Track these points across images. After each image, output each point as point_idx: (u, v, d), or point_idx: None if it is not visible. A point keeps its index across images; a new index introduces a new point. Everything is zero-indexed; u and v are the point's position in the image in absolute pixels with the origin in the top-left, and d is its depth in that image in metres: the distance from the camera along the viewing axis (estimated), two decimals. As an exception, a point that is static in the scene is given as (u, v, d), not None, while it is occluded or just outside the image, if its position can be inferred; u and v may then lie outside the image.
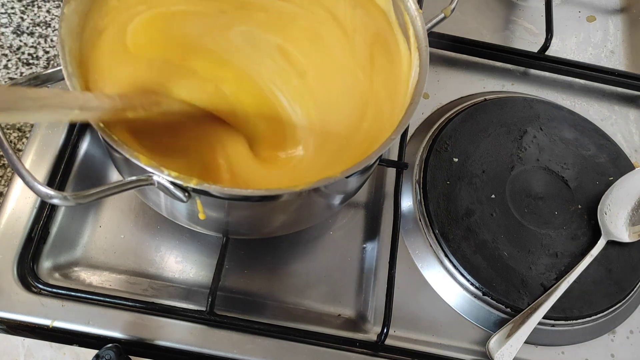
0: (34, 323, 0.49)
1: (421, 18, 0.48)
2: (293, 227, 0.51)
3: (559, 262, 0.56)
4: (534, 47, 0.71)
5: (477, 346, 0.54)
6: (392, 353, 0.52)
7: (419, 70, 0.46)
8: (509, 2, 0.77)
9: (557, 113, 0.66)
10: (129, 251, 0.54)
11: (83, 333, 0.49)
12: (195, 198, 0.40)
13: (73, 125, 0.57)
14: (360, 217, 0.58)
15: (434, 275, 0.56)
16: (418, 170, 0.60)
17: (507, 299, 0.54)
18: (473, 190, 0.59)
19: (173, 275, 0.53)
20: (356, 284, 0.55)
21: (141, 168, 0.37)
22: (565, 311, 0.54)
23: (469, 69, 0.70)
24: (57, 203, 0.36)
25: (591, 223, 0.59)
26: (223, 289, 0.52)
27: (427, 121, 0.65)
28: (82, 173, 0.56)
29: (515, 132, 0.63)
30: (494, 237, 0.56)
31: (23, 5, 0.65)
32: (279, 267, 0.55)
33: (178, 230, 0.54)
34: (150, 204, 0.48)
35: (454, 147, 0.61)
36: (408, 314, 0.54)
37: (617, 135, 0.69)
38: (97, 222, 0.54)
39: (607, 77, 0.70)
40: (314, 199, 0.46)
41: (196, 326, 0.50)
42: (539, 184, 0.60)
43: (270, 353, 0.50)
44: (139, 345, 0.49)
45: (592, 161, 0.63)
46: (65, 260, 0.53)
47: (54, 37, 0.64)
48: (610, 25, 0.78)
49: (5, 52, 0.62)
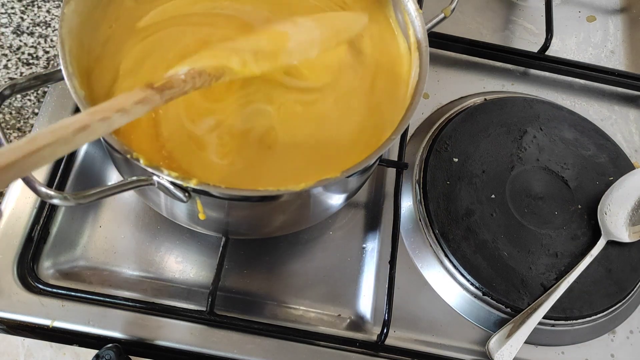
0: (34, 323, 0.49)
1: (421, 18, 0.48)
2: (293, 227, 0.51)
3: (559, 262, 0.56)
4: (534, 47, 0.71)
5: (477, 346, 0.54)
6: (392, 353, 0.52)
7: (419, 70, 0.46)
8: (509, 2, 0.77)
9: (557, 113, 0.66)
10: (129, 251, 0.54)
11: (83, 333, 0.49)
12: (195, 198, 0.40)
13: (73, 125, 0.57)
14: (360, 217, 0.58)
15: (434, 275, 0.56)
16: (418, 170, 0.60)
17: (507, 299, 0.54)
18: (473, 190, 0.59)
19: (173, 275, 0.53)
20: (356, 284, 0.55)
21: (141, 168, 0.37)
22: (565, 311, 0.54)
23: (469, 69, 0.70)
24: (57, 203, 0.36)
25: (591, 223, 0.59)
26: (223, 289, 0.52)
27: (427, 121, 0.65)
28: (82, 173, 0.56)
29: (515, 132, 0.63)
30: (494, 237, 0.56)
31: (23, 5, 0.65)
32: (278, 267, 0.55)
33: (178, 230, 0.54)
34: (150, 204, 0.48)
35: (454, 147, 0.61)
36: (408, 314, 0.54)
37: (617, 135, 0.69)
38: (97, 222, 0.54)
39: (607, 77, 0.70)
40: (314, 199, 0.46)
41: (196, 326, 0.50)
42: (539, 184, 0.60)
43: (270, 353, 0.50)
44: (139, 345, 0.49)
45: (592, 161, 0.63)
46: (65, 260, 0.53)
47: (54, 37, 0.64)
48: (610, 25, 0.78)
49: (5, 52, 0.62)
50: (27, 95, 0.60)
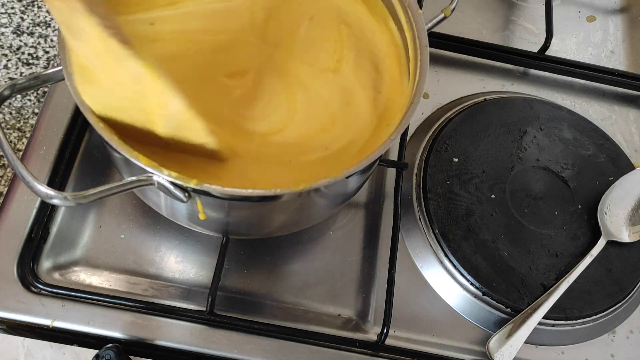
0: (34, 323, 0.49)
1: (421, 18, 0.48)
2: (293, 227, 0.51)
3: (559, 262, 0.56)
4: (534, 47, 0.71)
5: (477, 346, 0.54)
6: (392, 353, 0.52)
7: (419, 70, 0.46)
8: (509, 2, 0.77)
9: (557, 113, 0.66)
10: (129, 251, 0.54)
11: (83, 333, 0.49)
12: (196, 198, 0.40)
13: (73, 124, 0.57)
14: (360, 217, 0.58)
15: (434, 275, 0.56)
16: (418, 170, 0.60)
17: (507, 299, 0.54)
18: (473, 190, 0.59)
19: (173, 275, 0.53)
20: (356, 284, 0.55)
21: (141, 168, 0.37)
22: (565, 311, 0.54)
23: (469, 69, 0.70)
24: (57, 203, 0.36)
25: (591, 223, 0.59)
26: (223, 289, 0.52)
27: (427, 121, 0.65)
28: (82, 173, 0.56)
29: (515, 132, 0.63)
30: (494, 237, 0.56)
31: (23, 5, 0.65)
32: (278, 267, 0.55)
33: (178, 230, 0.54)
34: (150, 204, 0.48)
35: (454, 147, 0.61)
36: (408, 314, 0.54)
37: (617, 135, 0.69)
38: (97, 222, 0.54)
39: (607, 77, 0.70)
40: (314, 199, 0.46)
41: (196, 326, 0.50)
42: (539, 184, 0.60)
43: (270, 353, 0.50)
44: (139, 345, 0.49)
45: (592, 161, 0.63)
46: (65, 260, 0.53)
47: (54, 37, 0.64)
48: (610, 25, 0.78)
49: (5, 52, 0.62)
50: (27, 95, 0.60)
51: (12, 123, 0.58)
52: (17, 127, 0.58)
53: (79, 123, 0.57)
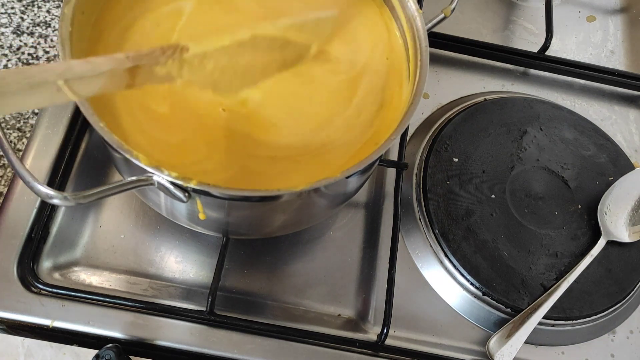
0: (34, 323, 0.49)
1: (421, 18, 0.48)
2: (293, 227, 0.51)
3: (559, 262, 0.56)
4: (534, 47, 0.71)
5: (477, 346, 0.54)
6: (392, 353, 0.52)
7: (419, 70, 0.46)
8: (509, 2, 0.77)
9: (557, 113, 0.66)
10: (129, 251, 0.54)
11: (83, 333, 0.49)
12: (195, 198, 0.40)
13: (73, 124, 0.57)
14: (360, 217, 0.58)
15: (434, 275, 0.56)
16: (418, 170, 0.60)
17: (507, 299, 0.54)
18: (473, 190, 0.59)
19: (173, 275, 0.53)
20: (356, 284, 0.55)
21: (141, 168, 0.37)
22: (565, 311, 0.54)
23: (469, 69, 0.70)
24: (57, 203, 0.36)
25: (591, 223, 0.59)
26: (223, 289, 0.52)
27: (427, 121, 0.65)
28: (82, 173, 0.56)
29: (515, 132, 0.63)
30: (494, 237, 0.56)
31: (23, 5, 0.65)
32: (279, 267, 0.55)
33: (178, 230, 0.54)
34: (150, 204, 0.48)
35: (454, 147, 0.61)
36: (408, 314, 0.54)
37: (617, 135, 0.69)
38: (97, 222, 0.54)
39: (607, 77, 0.70)
40: (314, 199, 0.46)
41: (196, 326, 0.50)
42: (539, 184, 0.60)
43: (270, 353, 0.50)
44: (139, 345, 0.49)
45: (592, 161, 0.63)
46: (65, 260, 0.53)
47: (54, 37, 0.64)
48: (610, 25, 0.78)
49: (5, 52, 0.62)
50: (27, 95, 0.60)
51: (12, 123, 0.58)
52: (17, 127, 0.58)
53: (79, 123, 0.57)
